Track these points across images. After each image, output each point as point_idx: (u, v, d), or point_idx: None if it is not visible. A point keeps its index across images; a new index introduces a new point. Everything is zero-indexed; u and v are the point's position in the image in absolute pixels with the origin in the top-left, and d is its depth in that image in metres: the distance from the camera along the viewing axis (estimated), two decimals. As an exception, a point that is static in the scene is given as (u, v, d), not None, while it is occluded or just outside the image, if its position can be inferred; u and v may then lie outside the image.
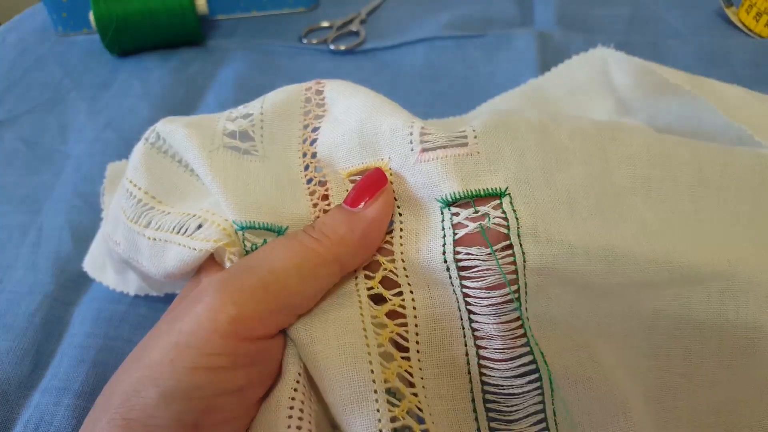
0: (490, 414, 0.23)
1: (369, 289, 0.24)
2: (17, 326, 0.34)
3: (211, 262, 0.25)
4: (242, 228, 0.24)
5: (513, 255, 0.22)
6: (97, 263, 0.34)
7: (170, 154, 0.28)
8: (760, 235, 0.27)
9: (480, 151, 0.23)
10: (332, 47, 0.56)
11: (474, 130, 0.24)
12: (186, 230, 0.25)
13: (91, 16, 0.53)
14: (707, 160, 0.27)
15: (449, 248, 0.23)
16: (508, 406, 0.23)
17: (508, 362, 0.22)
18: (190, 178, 0.28)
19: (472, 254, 0.22)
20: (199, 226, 0.25)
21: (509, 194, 0.23)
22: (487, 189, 0.23)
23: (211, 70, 0.55)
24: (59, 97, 0.52)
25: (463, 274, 0.23)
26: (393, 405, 0.22)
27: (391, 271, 0.24)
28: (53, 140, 0.48)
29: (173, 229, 0.25)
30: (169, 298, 0.34)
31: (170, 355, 0.20)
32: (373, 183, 0.24)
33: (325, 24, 0.59)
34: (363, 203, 0.24)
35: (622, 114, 0.38)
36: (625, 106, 0.38)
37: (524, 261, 0.22)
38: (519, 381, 0.23)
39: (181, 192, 0.28)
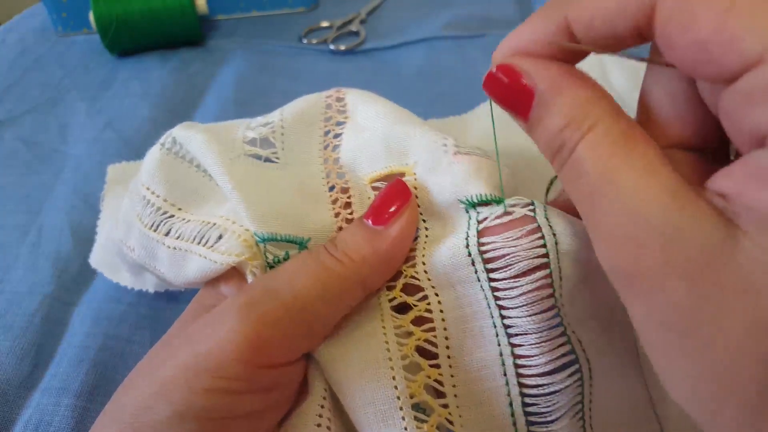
0: (530, 418, 0.22)
1: (391, 300, 0.23)
2: (17, 326, 0.34)
3: (232, 270, 0.25)
4: (263, 240, 0.23)
5: (542, 237, 0.21)
6: (107, 263, 0.34)
7: (188, 159, 0.28)
8: None
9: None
10: (332, 47, 0.56)
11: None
12: (207, 241, 0.24)
13: (91, 16, 0.53)
14: None
15: (473, 240, 0.22)
16: (548, 406, 0.21)
17: (546, 355, 0.21)
18: (210, 183, 0.27)
19: (498, 242, 0.21)
20: (220, 237, 0.24)
21: (535, 203, 0.22)
22: (519, 198, 0.22)
23: (211, 70, 0.55)
24: (59, 97, 0.52)
25: (489, 266, 0.22)
26: (421, 421, 0.21)
27: (412, 276, 0.23)
28: (53, 140, 0.48)
29: (194, 239, 0.25)
30: (172, 297, 0.34)
31: (186, 375, 0.19)
32: (395, 196, 0.23)
33: (325, 24, 0.59)
34: (386, 218, 0.23)
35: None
36: (624, 107, 0.38)
37: (556, 243, 0.21)
38: (559, 376, 0.21)
39: (201, 197, 0.27)
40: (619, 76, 0.37)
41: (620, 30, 0.17)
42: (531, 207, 0.22)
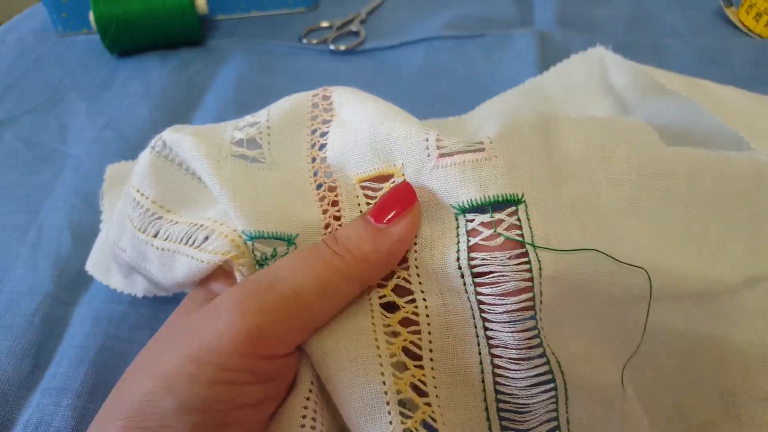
0: (504, 423, 0.23)
1: (381, 297, 0.24)
2: (17, 326, 0.34)
3: (219, 269, 0.25)
4: (251, 238, 0.24)
5: (528, 263, 0.22)
6: (101, 266, 0.34)
7: (177, 162, 0.28)
8: (761, 240, 0.27)
9: (498, 156, 0.23)
10: (332, 47, 0.56)
11: (489, 137, 0.24)
12: (194, 241, 0.25)
13: (91, 16, 0.53)
14: (702, 172, 0.27)
15: (463, 254, 0.22)
16: (521, 414, 0.23)
17: (524, 371, 0.22)
18: (198, 186, 0.28)
19: (488, 260, 0.22)
20: (207, 237, 0.25)
21: (524, 201, 0.23)
22: (505, 195, 0.23)
23: (211, 70, 0.55)
24: (59, 97, 0.52)
25: (477, 280, 0.22)
26: (406, 417, 0.21)
27: (404, 278, 0.24)
28: (53, 140, 0.48)
29: (181, 240, 0.25)
30: (172, 299, 0.34)
31: (189, 368, 0.20)
32: (401, 198, 0.23)
33: (325, 24, 0.59)
34: (389, 218, 0.23)
35: (621, 113, 0.38)
36: (623, 105, 0.38)
37: (540, 269, 0.22)
38: (534, 390, 0.22)
39: (190, 200, 0.27)
40: (620, 75, 0.37)
41: None
42: (519, 232, 0.22)
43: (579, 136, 0.26)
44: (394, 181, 0.25)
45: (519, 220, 0.22)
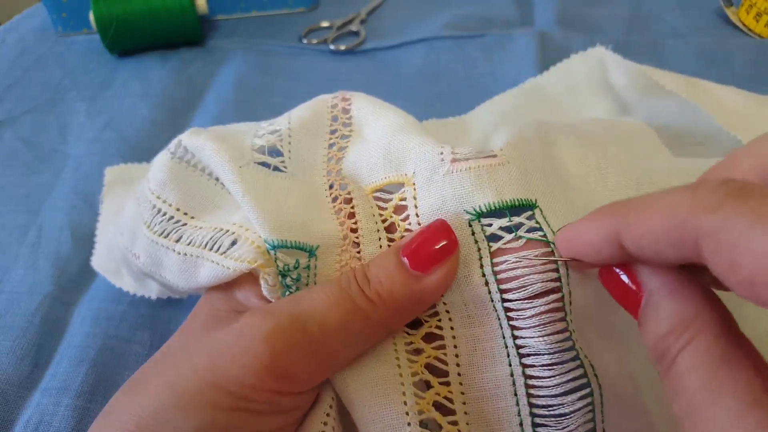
0: None
1: None
2: (17, 326, 0.34)
3: (245, 274, 0.24)
4: (274, 247, 0.23)
5: (555, 262, 0.21)
6: (111, 269, 0.34)
7: (200, 167, 0.28)
8: None
9: (510, 161, 0.23)
10: (332, 47, 0.56)
11: (500, 148, 0.24)
12: (219, 247, 0.24)
13: (91, 16, 0.53)
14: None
15: (486, 261, 0.22)
16: (558, 428, 0.21)
17: (557, 377, 0.21)
18: (222, 191, 0.28)
19: (513, 263, 0.21)
20: (233, 243, 0.24)
21: (539, 206, 0.22)
22: (521, 200, 0.22)
23: (211, 70, 0.55)
24: (59, 97, 0.52)
25: (503, 286, 0.22)
26: None
27: None
28: (53, 140, 0.48)
29: (206, 245, 0.25)
30: (173, 298, 0.34)
31: (210, 393, 0.20)
32: (442, 240, 0.22)
33: (325, 24, 0.59)
34: (426, 263, 0.22)
35: (620, 113, 0.38)
36: (623, 105, 0.38)
37: (567, 268, 0.21)
38: (570, 398, 0.21)
39: (214, 206, 0.27)
40: (619, 75, 0.37)
41: (667, 255, 0.16)
42: (541, 233, 0.22)
43: (575, 156, 0.26)
44: (404, 191, 0.25)
45: (537, 222, 0.22)
